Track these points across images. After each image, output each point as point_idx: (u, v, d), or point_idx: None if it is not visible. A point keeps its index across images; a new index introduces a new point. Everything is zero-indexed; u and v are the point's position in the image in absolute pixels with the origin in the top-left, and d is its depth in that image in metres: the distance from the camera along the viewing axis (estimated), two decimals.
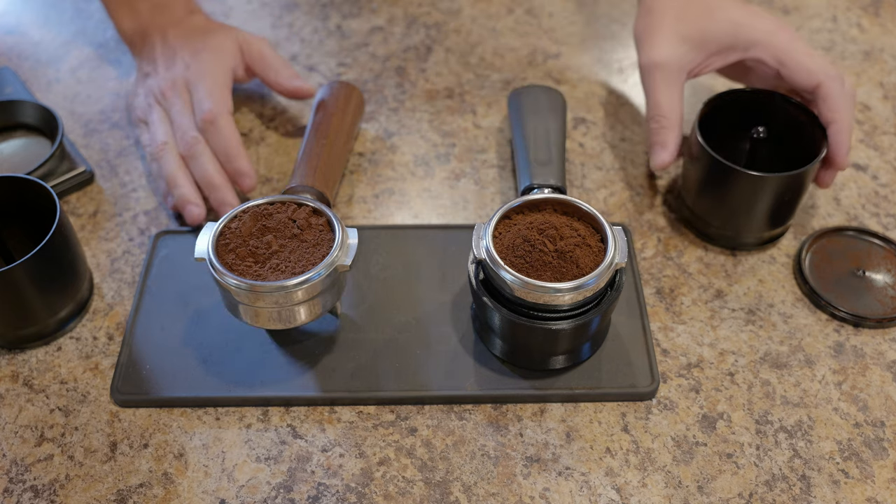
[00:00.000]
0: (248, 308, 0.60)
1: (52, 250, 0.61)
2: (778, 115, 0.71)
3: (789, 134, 0.71)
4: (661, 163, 0.72)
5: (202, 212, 0.72)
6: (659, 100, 0.72)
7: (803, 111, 0.69)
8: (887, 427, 0.62)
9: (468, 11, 0.95)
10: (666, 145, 0.71)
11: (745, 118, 0.72)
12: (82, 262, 0.67)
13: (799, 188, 0.68)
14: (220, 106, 0.74)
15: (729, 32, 0.71)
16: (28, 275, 0.61)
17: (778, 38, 0.70)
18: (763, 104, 0.71)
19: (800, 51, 0.70)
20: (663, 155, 0.72)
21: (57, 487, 0.59)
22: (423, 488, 0.59)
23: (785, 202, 0.68)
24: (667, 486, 0.59)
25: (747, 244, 0.72)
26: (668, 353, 0.66)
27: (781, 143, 0.71)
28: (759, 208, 0.68)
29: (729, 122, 0.72)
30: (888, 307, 0.68)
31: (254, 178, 0.73)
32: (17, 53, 0.91)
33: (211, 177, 0.72)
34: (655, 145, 0.72)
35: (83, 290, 0.67)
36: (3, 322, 0.64)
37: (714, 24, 0.72)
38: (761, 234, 0.71)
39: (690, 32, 0.72)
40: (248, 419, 0.62)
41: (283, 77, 0.80)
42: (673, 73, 0.72)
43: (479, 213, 0.76)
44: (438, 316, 0.67)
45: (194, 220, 0.72)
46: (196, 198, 0.72)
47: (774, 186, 0.66)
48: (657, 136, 0.72)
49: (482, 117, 0.84)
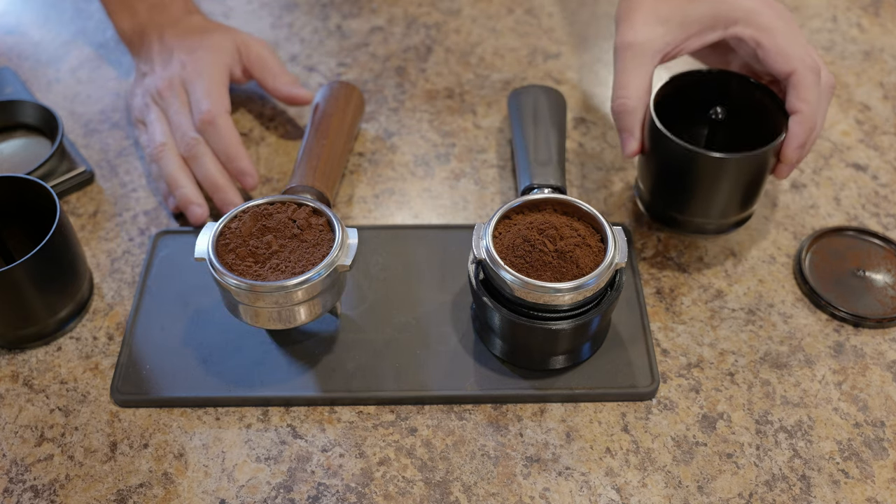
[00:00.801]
0: (248, 308, 0.60)
1: (52, 250, 0.61)
2: (738, 97, 0.68)
3: (749, 116, 0.68)
4: (631, 151, 0.68)
5: (205, 212, 0.72)
6: (625, 81, 0.67)
7: (765, 92, 0.67)
8: (887, 427, 0.62)
9: (468, 11, 0.95)
10: (632, 131, 0.68)
11: (703, 101, 0.69)
12: (82, 262, 0.67)
13: (760, 171, 0.65)
14: (218, 106, 0.74)
15: (710, 11, 0.67)
16: (28, 275, 0.61)
17: (761, 16, 0.66)
18: (722, 85, 0.68)
19: (780, 32, 0.66)
20: (632, 143, 0.68)
21: (57, 487, 0.59)
22: (423, 488, 0.59)
23: (746, 186, 0.66)
24: (667, 486, 0.59)
25: (709, 230, 0.70)
26: (668, 353, 0.66)
27: (741, 125, 0.68)
28: (720, 192, 0.65)
29: (686, 105, 0.69)
30: (888, 307, 0.68)
31: (256, 177, 0.73)
32: (17, 53, 0.91)
33: (214, 178, 0.72)
34: (623, 132, 0.68)
35: (83, 290, 0.67)
36: (3, 322, 0.64)
37: (695, 3, 0.68)
38: (723, 219, 0.69)
39: (670, 13, 0.68)
40: (248, 419, 0.62)
41: (281, 82, 0.79)
42: (645, 55, 0.67)
43: (479, 213, 0.76)
44: (438, 316, 0.67)
45: (197, 221, 0.72)
46: (198, 198, 0.72)
47: (733, 169, 0.64)
48: (622, 122, 0.68)
49: (482, 117, 0.84)
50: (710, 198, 0.66)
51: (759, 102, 0.67)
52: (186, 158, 0.73)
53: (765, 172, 0.66)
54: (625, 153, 0.69)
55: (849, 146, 0.81)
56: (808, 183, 0.78)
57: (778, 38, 0.65)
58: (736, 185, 0.66)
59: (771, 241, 0.73)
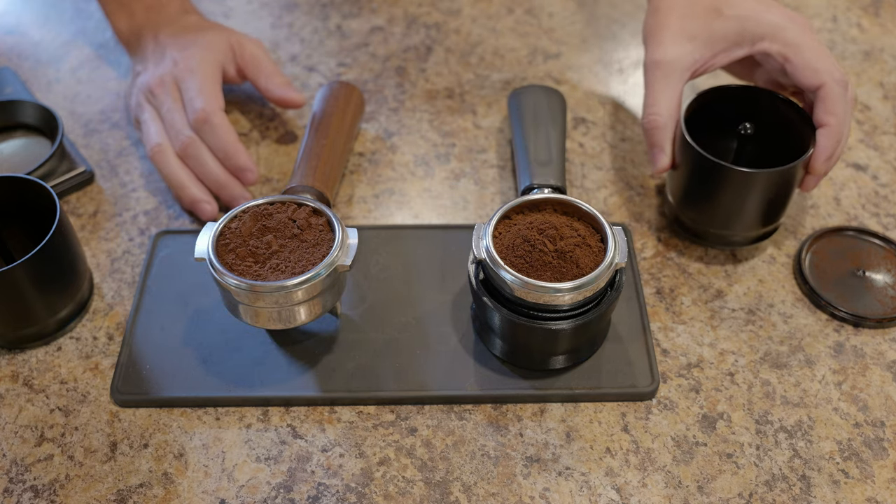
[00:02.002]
0: (248, 308, 0.60)
1: (52, 250, 0.61)
2: (765, 112, 0.69)
3: (777, 131, 0.69)
4: (662, 167, 0.70)
5: (214, 208, 0.73)
6: (655, 98, 0.69)
7: (793, 108, 0.68)
8: (887, 427, 0.62)
9: (468, 11, 0.95)
10: (663, 147, 0.69)
11: (730, 115, 0.70)
12: (82, 262, 0.67)
13: (788, 185, 0.67)
14: (212, 103, 0.74)
15: (737, 28, 0.69)
16: (28, 275, 0.61)
17: (787, 32, 0.68)
18: (750, 101, 0.70)
19: (808, 47, 0.67)
20: (663, 158, 0.69)
21: (57, 487, 0.59)
22: (423, 488, 0.59)
23: (774, 199, 0.67)
24: (667, 486, 0.59)
25: (736, 242, 0.71)
26: (668, 353, 0.66)
27: (769, 140, 0.70)
28: (749, 205, 0.67)
29: (716, 119, 0.70)
30: (888, 307, 0.68)
31: (255, 173, 0.73)
32: (17, 53, 0.91)
33: (215, 176, 0.72)
34: (653, 148, 0.70)
35: (83, 289, 0.67)
36: (4, 322, 0.64)
37: (722, 20, 0.69)
38: (751, 232, 0.70)
39: (697, 30, 0.70)
40: (248, 419, 0.62)
41: (274, 84, 0.79)
42: (674, 72, 0.70)
43: (479, 213, 0.76)
44: (438, 316, 0.67)
45: (208, 217, 0.73)
46: (205, 194, 0.73)
47: (763, 183, 0.65)
48: (652, 137, 0.69)
49: (482, 117, 0.84)
50: (739, 211, 0.68)
51: (785, 117, 0.69)
52: (183, 157, 0.73)
53: (792, 186, 0.67)
54: (656, 169, 0.70)
55: (849, 146, 0.81)
56: None
57: (806, 53, 0.67)
58: (764, 199, 0.67)
59: (771, 241, 0.73)
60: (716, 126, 0.71)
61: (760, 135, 0.70)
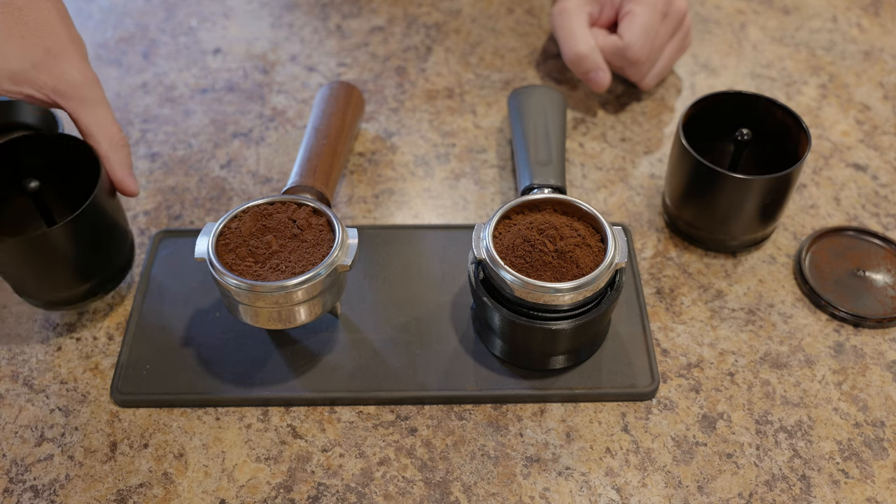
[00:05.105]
0: (248, 308, 0.60)
1: (95, 211, 0.61)
2: (763, 118, 0.71)
3: (774, 136, 0.71)
4: (605, 81, 0.79)
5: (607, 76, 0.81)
6: (571, 34, 0.79)
7: (790, 114, 0.69)
8: (887, 427, 0.62)
9: (468, 11, 0.95)
10: (597, 67, 0.78)
11: (727, 120, 0.71)
12: (125, 220, 0.67)
13: (784, 190, 0.67)
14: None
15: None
16: (79, 232, 0.61)
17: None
18: (748, 107, 0.71)
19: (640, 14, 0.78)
20: (602, 75, 0.79)
21: (57, 487, 0.59)
22: (423, 488, 0.59)
23: (769, 204, 0.68)
24: (667, 486, 0.59)
25: (733, 246, 0.71)
26: (668, 353, 0.66)
27: (764, 143, 0.71)
28: (745, 211, 0.68)
29: (713, 125, 0.71)
30: (888, 307, 0.68)
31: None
32: None
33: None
34: (588, 73, 0.79)
35: (125, 250, 0.67)
36: (50, 284, 0.63)
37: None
38: (747, 235, 0.71)
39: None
40: (248, 419, 0.62)
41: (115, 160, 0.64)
42: (579, 14, 0.80)
43: (479, 213, 0.76)
44: (438, 316, 0.67)
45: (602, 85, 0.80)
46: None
47: (759, 189, 0.66)
48: (584, 65, 0.79)
49: (482, 117, 0.84)
50: (735, 216, 0.68)
51: (782, 122, 0.70)
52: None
53: (788, 191, 0.68)
54: (599, 87, 0.80)
55: (849, 146, 0.81)
56: (807, 183, 0.78)
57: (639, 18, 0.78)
58: (760, 204, 0.67)
59: (771, 241, 0.73)
60: (713, 132, 0.72)
61: (757, 140, 0.70)
